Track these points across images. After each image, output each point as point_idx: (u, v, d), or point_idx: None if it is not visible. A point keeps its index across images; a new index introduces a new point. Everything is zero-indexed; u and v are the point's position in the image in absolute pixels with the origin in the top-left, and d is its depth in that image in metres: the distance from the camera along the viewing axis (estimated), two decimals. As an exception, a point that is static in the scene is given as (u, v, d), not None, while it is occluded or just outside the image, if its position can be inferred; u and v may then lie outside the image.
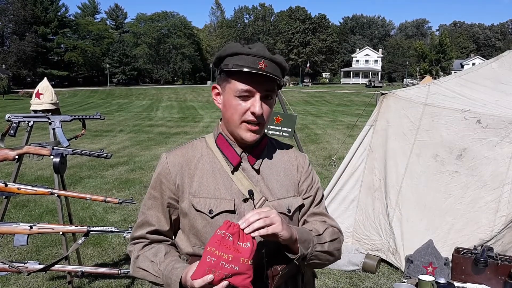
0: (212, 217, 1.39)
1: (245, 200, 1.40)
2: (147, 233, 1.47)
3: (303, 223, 1.53)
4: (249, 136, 1.40)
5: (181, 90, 55.30)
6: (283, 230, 1.26)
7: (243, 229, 1.21)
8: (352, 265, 4.58)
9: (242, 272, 1.20)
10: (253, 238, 1.23)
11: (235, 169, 1.43)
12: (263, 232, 1.22)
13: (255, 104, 1.36)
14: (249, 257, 1.19)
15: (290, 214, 1.45)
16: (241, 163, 1.45)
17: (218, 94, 1.47)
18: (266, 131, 1.57)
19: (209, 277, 1.17)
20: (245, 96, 1.37)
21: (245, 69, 1.33)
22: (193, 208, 1.41)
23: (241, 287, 1.21)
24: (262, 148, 1.49)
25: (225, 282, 1.19)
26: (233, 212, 1.39)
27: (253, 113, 1.36)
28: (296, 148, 1.62)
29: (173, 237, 1.53)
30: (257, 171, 1.46)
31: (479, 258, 3.64)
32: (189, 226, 1.42)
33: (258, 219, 1.22)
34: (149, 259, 1.41)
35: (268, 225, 1.23)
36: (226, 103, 1.41)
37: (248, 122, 1.38)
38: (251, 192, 1.39)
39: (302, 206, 1.51)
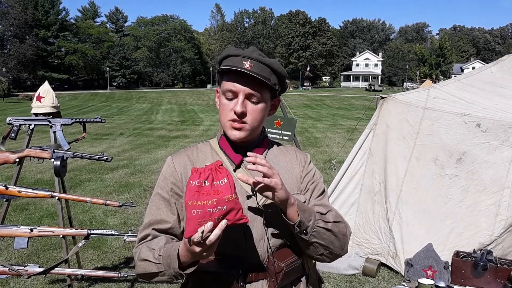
0: None
1: (248, 197, 1.41)
2: (153, 229, 1.45)
3: None
4: (232, 134, 1.41)
5: (181, 94, 55.35)
6: (281, 190, 1.28)
7: (251, 164, 1.26)
8: (352, 269, 4.58)
9: (231, 209, 1.19)
10: (226, 170, 1.23)
11: (238, 167, 1.45)
12: (263, 180, 1.25)
13: (237, 103, 1.38)
14: (232, 192, 1.19)
15: None
16: (243, 162, 1.46)
17: (218, 96, 1.52)
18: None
19: (208, 225, 1.14)
20: (231, 96, 1.40)
21: (229, 68, 1.36)
22: None
23: (236, 221, 1.20)
24: (263, 148, 1.52)
25: (223, 221, 1.17)
26: None
27: (234, 112, 1.38)
28: (296, 148, 1.64)
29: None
30: None
31: (479, 261, 3.63)
32: None
33: (265, 165, 1.26)
34: (150, 248, 1.38)
35: (269, 176, 1.26)
36: (219, 104, 1.46)
37: (231, 120, 1.40)
38: (253, 189, 1.39)
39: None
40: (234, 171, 1.45)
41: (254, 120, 1.41)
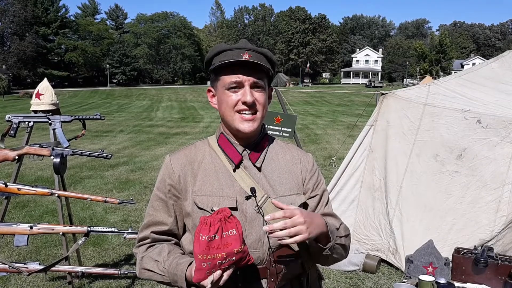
0: None
1: (248, 198, 1.41)
2: (152, 232, 1.48)
3: None
4: (245, 127, 1.41)
5: (181, 91, 55.27)
6: (310, 234, 1.27)
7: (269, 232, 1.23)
8: (352, 265, 4.58)
9: (240, 258, 1.22)
10: (236, 219, 1.24)
11: (237, 167, 1.45)
12: (288, 241, 1.25)
13: (245, 93, 1.39)
14: (240, 244, 1.20)
15: None
16: (243, 161, 1.46)
17: (213, 96, 1.52)
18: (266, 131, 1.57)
19: (217, 274, 1.20)
20: (235, 88, 1.40)
21: (232, 61, 1.37)
22: (196, 206, 1.42)
23: (243, 266, 1.25)
24: (263, 146, 1.51)
25: (230, 270, 1.22)
26: (235, 209, 1.39)
27: (244, 102, 1.39)
28: (298, 148, 1.63)
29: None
30: (259, 169, 1.47)
31: (479, 258, 3.63)
32: (192, 224, 1.43)
33: (284, 229, 1.23)
34: (153, 259, 1.43)
35: (291, 236, 1.24)
36: (219, 100, 1.46)
37: (242, 112, 1.40)
38: (253, 190, 1.39)
39: (305, 204, 1.51)
40: (234, 171, 1.44)
41: (263, 108, 1.43)
